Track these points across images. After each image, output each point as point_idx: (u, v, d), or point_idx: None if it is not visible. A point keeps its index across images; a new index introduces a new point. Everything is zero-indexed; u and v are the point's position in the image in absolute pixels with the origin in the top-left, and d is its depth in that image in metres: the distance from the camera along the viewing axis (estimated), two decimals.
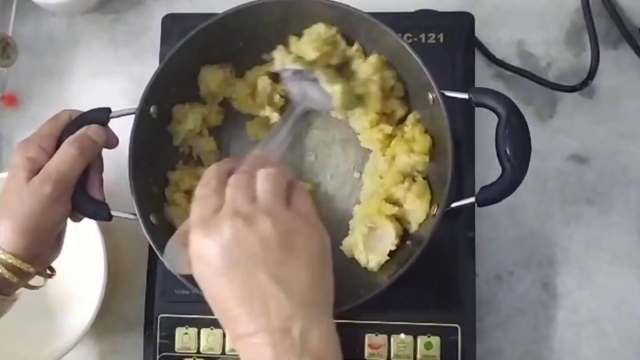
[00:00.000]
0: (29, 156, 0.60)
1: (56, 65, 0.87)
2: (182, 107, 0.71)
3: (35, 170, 0.60)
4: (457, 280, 0.73)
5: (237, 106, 0.74)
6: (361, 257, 0.68)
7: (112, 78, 0.86)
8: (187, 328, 0.73)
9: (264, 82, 0.72)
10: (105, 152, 0.65)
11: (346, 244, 0.69)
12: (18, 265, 0.59)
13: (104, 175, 0.66)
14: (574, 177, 0.79)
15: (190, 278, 0.62)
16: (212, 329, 0.73)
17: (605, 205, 0.78)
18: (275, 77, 0.72)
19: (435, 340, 0.71)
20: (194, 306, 0.72)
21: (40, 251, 0.61)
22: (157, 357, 0.73)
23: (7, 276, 0.59)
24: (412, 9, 0.79)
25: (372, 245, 0.67)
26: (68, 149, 0.61)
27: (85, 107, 0.67)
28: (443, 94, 0.62)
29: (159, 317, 0.74)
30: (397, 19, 0.76)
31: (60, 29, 0.87)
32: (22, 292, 0.64)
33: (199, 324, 0.73)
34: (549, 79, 0.80)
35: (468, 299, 0.73)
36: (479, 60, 0.80)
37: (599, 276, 0.77)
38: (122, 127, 0.65)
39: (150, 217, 0.64)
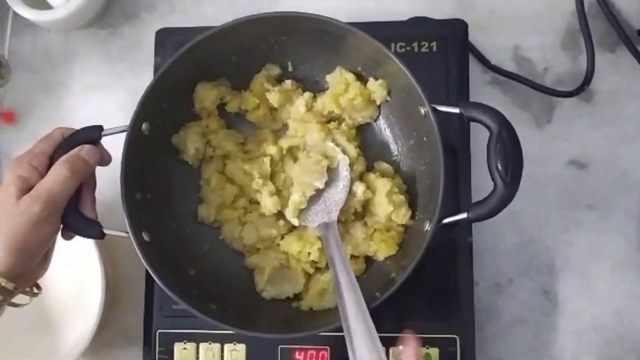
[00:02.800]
0: (20, 174, 0.60)
1: (53, 80, 0.87)
2: (178, 136, 0.72)
3: (25, 188, 0.60)
4: (455, 290, 0.73)
5: (253, 119, 0.74)
6: None
7: (109, 92, 0.86)
8: (185, 343, 0.74)
9: (273, 97, 0.72)
10: (101, 167, 0.65)
11: None
12: (3, 284, 0.59)
13: (99, 190, 0.66)
14: (573, 182, 0.78)
15: (182, 295, 0.63)
16: (210, 344, 0.73)
17: (605, 211, 0.77)
18: (277, 80, 0.73)
19: (434, 352, 0.71)
20: (192, 321, 0.72)
21: (26, 270, 0.61)
22: None
23: None
24: (405, 18, 0.79)
25: None
26: (60, 169, 0.61)
27: (82, 121, 0.67)
28: (434, 108, 0.61)
29: (157, 333, 0.74)
30: (389, 28, 0.76)
31: (56, 45, 0.88)
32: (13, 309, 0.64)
33: (198, 339, 0.73)
34: (546, 84, 0.79)
35: (467, 309, 0.72)
36: (475, 67, 0.80)
37: (600, 283, 0.76)
38: (117, 142, 0.65)
39: (143, 235, 0.64)
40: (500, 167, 0.58)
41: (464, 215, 0.60)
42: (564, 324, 0.76)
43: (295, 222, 0.70)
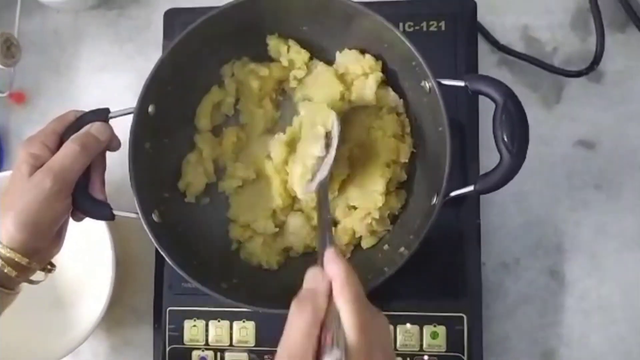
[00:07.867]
0: (32, 152, 0.61)
1: (62, 60, 0.87)
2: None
3: (38, 165, 0.61)
4: (463, 269, 0.73)
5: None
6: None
7: (118, 73, 0.86)
8: (195, 320, 0.74)
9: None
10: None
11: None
12: (17, 260, 0.60)
13: (109, 172, 0.66)
14: (581, 162, 0.78)
15: (191, 273, 0.63)
16: (219, 321, 0.74)
17: (613, 191, 0.77)
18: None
19: (442, 329, 0.71)
20: (201, 299, 0.73)
21: (39, 246, 0.62)
22: (167, 349, 0.75)
23: (6, 270, 0.60)
24: None
25: None
26: (71, 145, 0.62)
27: (91, 101, 0.67)
28: (439, 82, 0.61)
29: (167, 310, 0.75)
30: (397, 7, 0.76)
31: (65, 25, 0.88)
32: (29, 285, 0.65)
33: (207, 317, 0.74)
34: (555, 64, 0.79)
35: (474, 288, 0.72)
36: (483, 47, 0.79)
37: (608, 262, 0.76)
38: (125, 125, 0.65)
39: (153, 215, 0.65)
40: (506, 139, 0.58)
41: (470, 188, 0.60)
42: (571, 304, 0.76)
43: (300, 194, 0.68)
